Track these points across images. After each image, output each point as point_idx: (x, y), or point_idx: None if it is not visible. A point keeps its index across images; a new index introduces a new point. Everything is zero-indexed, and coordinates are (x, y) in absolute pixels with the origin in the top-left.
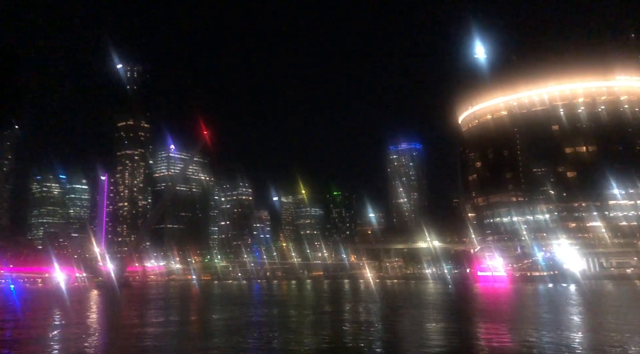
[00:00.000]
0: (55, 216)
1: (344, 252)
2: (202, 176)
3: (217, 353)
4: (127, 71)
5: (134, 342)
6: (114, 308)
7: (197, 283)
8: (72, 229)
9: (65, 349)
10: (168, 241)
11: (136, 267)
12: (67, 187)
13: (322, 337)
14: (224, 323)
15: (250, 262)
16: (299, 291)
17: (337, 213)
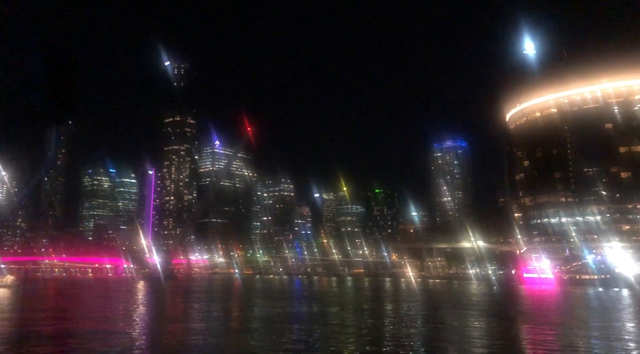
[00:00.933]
0: (105, 209)
1: (385, 250)
2: (245, 172)
3: (257, 347)
4: (174, 68)
5: (179, 333)
6: (160, 300)
7: (239, 277)
8: (121, 221)
9: (114, 339)
10: (212, 235)
11: (181, 260)
12: (116, 181)
13: (363, 335)
14: (264, 317)
15: (292, 258)
16: (339, 288)
17: (378, 211)
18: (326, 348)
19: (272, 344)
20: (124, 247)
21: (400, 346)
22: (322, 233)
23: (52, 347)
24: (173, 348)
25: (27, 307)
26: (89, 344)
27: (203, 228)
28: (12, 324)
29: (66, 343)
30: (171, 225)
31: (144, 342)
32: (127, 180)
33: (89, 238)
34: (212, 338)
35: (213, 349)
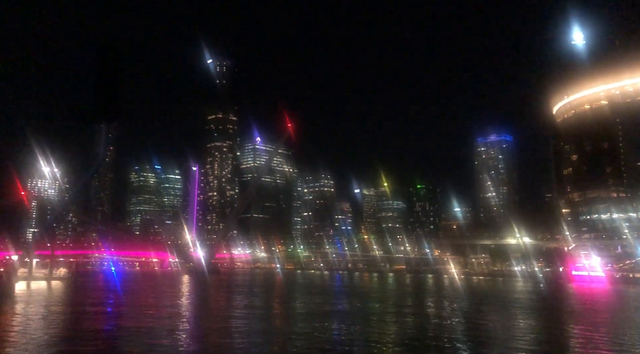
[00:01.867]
0: (151, 204)
1: (427, 246)
2: (286, 167)
3: (299, 340)
4: (216, 66)
5: (224, 325)
6: (204, 293)
7: (281, 271)
8: (166, 216)
9: (162, 329)
10: (253, 230)
11: (224, 254)
12: (162, 177)
13: (403, 331)
14: (306, 311)
15: (332, 253)
16: (380, 284)
17: (420, 207)
18: (367, 344)
19: (312, 339)
20: (169, 241)
21: (442, 343)
22: (362, 229)
23: (104, 341)
24: (221, 344)
25: (80, 299)
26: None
27: (245, 223)
28: (67, 318)
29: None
30: (214, 220)
31: (194, 339)
32: (172, 176)
33: (136, 233)
34: (255, 334)
35: (258, 344)
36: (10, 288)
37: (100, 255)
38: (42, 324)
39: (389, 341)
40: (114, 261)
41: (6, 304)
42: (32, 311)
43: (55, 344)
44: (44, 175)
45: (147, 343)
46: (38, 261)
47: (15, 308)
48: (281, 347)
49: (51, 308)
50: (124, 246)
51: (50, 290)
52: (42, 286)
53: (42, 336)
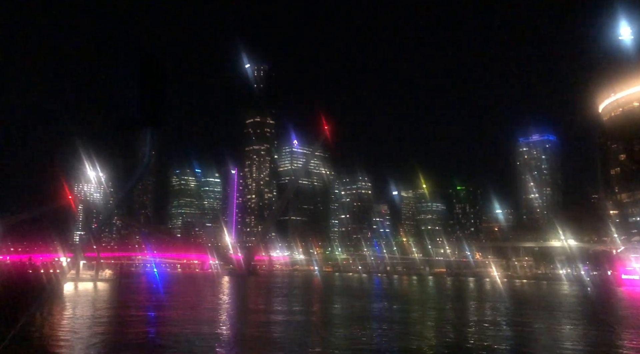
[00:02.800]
0: (192, 207)
1: (468, 249)
2: (323, 170)
3: (338, 342)
4: (254, 71)
5: (262, 328)
6: (244, 295)
7: (319, 274)
8: (206, 219)
9: (203, 330)
10: (292, 233)
11: (263, 256)
12: (201, 180)
13: (443, 335)
14: (344, 314)
15: (370, 256)
16: (420, 287)
17: (460, 209)
18: (406, 348)
19: (351, 341)
20: (210, 244)
21: (482, 349)
22: (401, 232)
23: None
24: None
25: (125, 300)
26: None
27: (283, 226)
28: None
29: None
30: (253, 222)
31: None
32: (212, 179)
33: (178, 235)
34: (295, 336)
35: (298, 346)
36: (60, 289)
37: (144, 257)
38: (89, 324)
39: (429, 347)
40: (157, 263)
41: (56, 305)
42: (79, 312)
43: (100, 343)
44: (90, 180)
45: (190, 345)
46: (85, 263)
47: (64, 308)
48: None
49: (97, 308)
50: (166, 248)
51: (96, 291)
52: (89, 287)
53: (89, 335)
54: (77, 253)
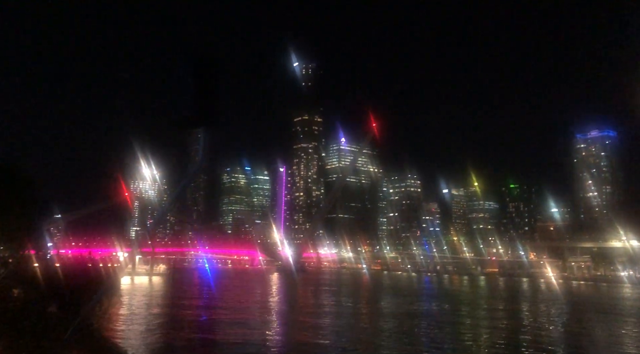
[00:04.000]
0: (242, 204)
1: (521, 249)
2: (370, 168)
3: (385, 340)
4: (302, 69)
5: (312, 324)
6: (294, 291)
7: (367, 272)
8: (256, 216)
9: (254, 326)
10: (339, 231)
11: (311, 253)
12: (251, 178)
13: (495, 337)
14: (393, 312)
15: (420, 255)
16: (471, 287)
17: (514, 207)
18: (456, 350)
19: (400, 342)
20: (259, 240)
21: (537, 352)
22: (451, 230)
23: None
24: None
25: (178, 294)
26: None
27: (331, 223)
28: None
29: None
30: (301, 219)
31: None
32: (261, 177)
33: (228, 232)
34: (344, 334)
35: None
36: (117, 282)
37: (196, 253)
38: (145, 316)
39: (479, 348)
40: (208, 258)
41: (114, 298)
42: (136, 305)
43: (155, 334)
44: (145, 177)
45: (240, 337)
46: (140, 258)
47: (122, 301)
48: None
49: (152, 302)
50: (217, 244)
51: (151, 285)
52: (144, 281)
53: (145, 326)
54: (133, 249)
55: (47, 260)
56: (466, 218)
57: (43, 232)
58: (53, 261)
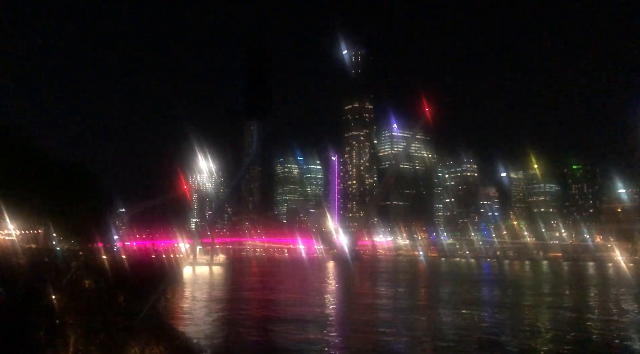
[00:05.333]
0: (295, 194)
1: (586, 232)
2: (424, 153)
3: (444, 332)
4: (352, 56)
5: (369, 311)
6: (351, 279)
7: (424, 259)
8: (310, 205)
9: (314, 310)
10: (394, 218)
11: (366, 241)
12: (304, 168)
13: (560, 326)
14: (452, 299)
15: (478, 241)
16: (534, 272)
17: (577, 189)
18: (519, 341)
19: (460, 332)
20: (314, 229)
21: (606, 341)
22: (511, 215)
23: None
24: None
25: (238, 283)
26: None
27: (385, 211)
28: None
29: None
30: (355, 207)
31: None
32: (313, 166)
33: (283, 221)
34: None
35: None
36: (180, 272)
37: (253, 242)
38: (207, 304)
39: (543, 338)
40: (265, 247)
41: (177, 287)
42: (198, 293)
43: (218, 321)
44: (202, 170)
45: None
46: (201, 249)
47: (185, 290)
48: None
49: (214, 290)
50: (273, 233)
51: (212, 274)
52: (205, 271)
53: (207, 313)
54: (194, 239)
55: (113, 252)
56: (526, 202)
57: (109, 225)
58: (119, 253)
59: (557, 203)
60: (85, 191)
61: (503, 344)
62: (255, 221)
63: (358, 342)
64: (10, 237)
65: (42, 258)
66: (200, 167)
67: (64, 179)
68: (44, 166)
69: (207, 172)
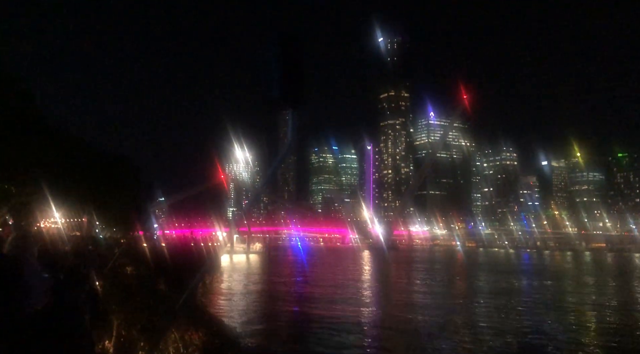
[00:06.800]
0: (330, 184)
1: (632, 222)
2: (462, 142)
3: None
4: (387, 44)
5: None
6: (388, 269)
7: (461, 249)
8: (345, 195)
9: (347, 300)
10: (430, 207)
11: (401, 231)
12: (338, 157)
13: (604, 323)
14: (489, 289)
15: (518, 231)
16: (575, 263)
17: (622, 178)
18: (563, 337)
19: (498, 326)
20: (349, 218)
21: None
22: (552, 204)
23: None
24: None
25: (276, 271)
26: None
27: (421, 200)
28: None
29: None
30: (390, 197)
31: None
32: (348, 156)
33: (319, 211)
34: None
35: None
36: (218, 260)
37: (289, 231)
38: (246, 291)
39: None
40: (300, 237)
41: (216, 275)
42: (237, 280)
43: (256, 309)
44: (238, 160)
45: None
46: (238, 237)
47: (223, 277)
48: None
49: (252, 278)
50: (308, 223)
51: (249, 262)
52: (242, 259)
53: (246, 301)
54: (231, 228)
55: (154, 240)
56: (568, 191)
57: (150, 214)
58: (159, 241)
59: (601, 193)
60: (127, 183)
61: (549, 337)
62: (290, 211)
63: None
64: (56, 225)
65: (87, 246)
66: (236, 156)
67: (108, 171)
68: (90, 158)
69: (243, 161)
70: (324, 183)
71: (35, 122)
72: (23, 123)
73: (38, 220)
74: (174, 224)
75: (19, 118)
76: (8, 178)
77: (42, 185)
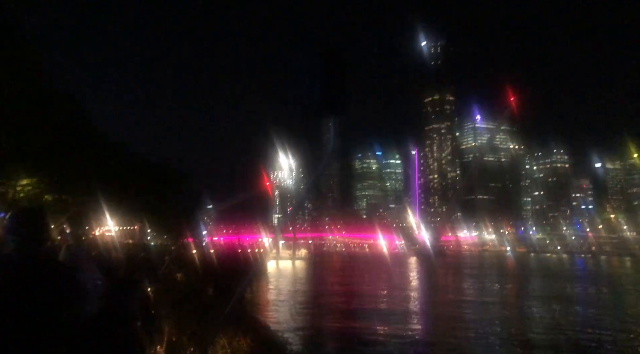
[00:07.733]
0: (375, 189)
1: None
2: (510, 145)
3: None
4: (431, 48)
5: (453, 309)
6: (435, 276)
7: (512, 254)
8: (389, 201)
9: (401, 304)
10: (479, 212)
11: (449, 237)
12: (382, 163)
13: None
14: (541, 296)
15: (571, 235)
16: (635, 268)
17: None
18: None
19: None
20: (394, 224)
21: None
22: (607, 208)
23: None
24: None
25: (321, 277)
26: None
27: (469, 205)
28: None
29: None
30: (437, 202)
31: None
32: (392, 161)
33: (363, 217)
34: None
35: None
36: (264, 266)
37: (334, 237)
38: (293, 296)
39: None
40: (345, 243)
41: (262, 280)
42: (283, 285)
43: (303, 311)
44: (282, 167)
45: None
46: (283, 243)
47: (270, 283)
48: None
49: (298, 283)
50: (353, 229)
51: (295, 268)
52: (288, 265)
53: (293, 305)
54: (277, 234)
55: (203, 247)
56: (625, 194)
57: (199, 222)
58: (208, 248)
59: None
60: (178, 192)
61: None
62: (335, 217)
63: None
64: (110, 233)
65: (139, 253)
66: (281, 164)
67: (160, 180)
68: (142, 169)
69: (287, 168)
70: (368, 189)
71: (93, 137)
72: (82, 139)
73: (93, 228)
74: (221, 231)
75: (79, 136)
76: (67, 191)
77: (97, 195)
